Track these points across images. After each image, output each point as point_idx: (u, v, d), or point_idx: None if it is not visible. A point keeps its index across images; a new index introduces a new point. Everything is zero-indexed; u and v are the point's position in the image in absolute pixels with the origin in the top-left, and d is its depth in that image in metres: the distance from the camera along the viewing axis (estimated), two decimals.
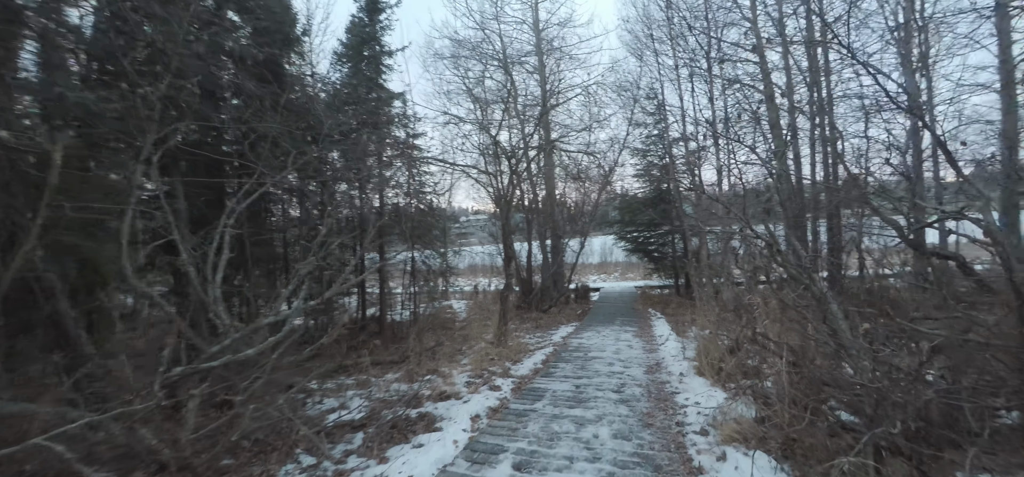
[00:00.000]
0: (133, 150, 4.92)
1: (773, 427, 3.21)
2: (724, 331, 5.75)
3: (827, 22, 7.05)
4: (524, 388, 5.37)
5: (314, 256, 4.61)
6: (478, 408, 4.58)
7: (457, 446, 3.73)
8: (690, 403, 4.45)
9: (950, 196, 10.48)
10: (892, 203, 5.05)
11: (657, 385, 5.20)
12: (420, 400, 4.88)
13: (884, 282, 8.10)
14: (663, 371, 5.84)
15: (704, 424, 3.81)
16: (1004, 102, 8.87)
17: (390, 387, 5.72)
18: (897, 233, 6.67)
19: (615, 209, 18.60)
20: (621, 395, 4.88)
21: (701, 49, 12.21)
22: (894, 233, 6.60)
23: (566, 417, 4.27)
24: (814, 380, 2.89)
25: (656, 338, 8.15)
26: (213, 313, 4.38)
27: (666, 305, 13.27)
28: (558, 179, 16.39)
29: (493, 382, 5.54)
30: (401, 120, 11.93)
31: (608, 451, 3.51)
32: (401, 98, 12.16)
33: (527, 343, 8.40)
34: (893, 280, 8.47)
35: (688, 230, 13.25)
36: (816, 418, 3.05)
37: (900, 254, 8.44)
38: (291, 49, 8.74)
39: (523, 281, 14.76)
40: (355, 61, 11.44)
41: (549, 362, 6.71)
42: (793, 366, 3.13)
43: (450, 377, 5.91)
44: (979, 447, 2.25)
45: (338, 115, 8.07)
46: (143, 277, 5.30)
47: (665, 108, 14.61)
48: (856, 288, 7.37)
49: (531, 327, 10.99)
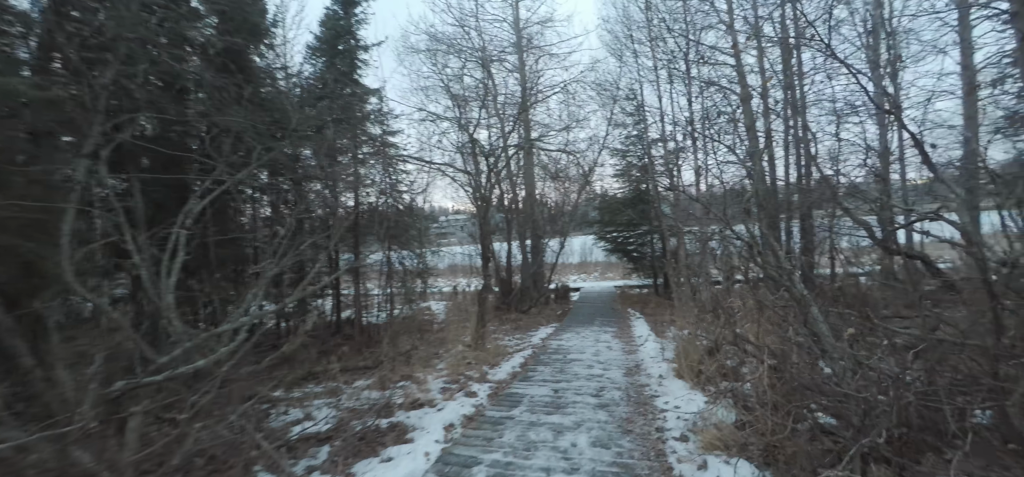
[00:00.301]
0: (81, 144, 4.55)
1: (754, 433, 3.13)
2: (703, 331, 5.72)
3: (809, 20, 7.13)
4: (501, 393, 5.21)
5: (274, 259, 4.33)
6: (453, 416, 4.38)
7: (428, 459, 3.53)
8: (670, 407, 4.36)
9: (916, 196, 10.81)
10: (868, 204, 5.08)
11: (636, 388, 5.11)
12: (392, 409, 4.65)
13: (854, 280, 8.26)
14: (642, 373, 5.76)
15: (684, 430, 3.72)
16: (966, 107, 9.19)
17: (361, 395, 5.47)
18: (867, 233, 6.82)
19: (595, 209, 18.62)
20: (600, 399, 4.77)
21: (680, 51, 12.30)
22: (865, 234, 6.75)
23: (544, 424, 4.13)
24: (796, 385, 2.82)
25: (635, 339, 8.11)
26: (165, 320, 4.07)
27: (645, 305, 13.31)
28: (538, 179, 16.30)
29: (469, 388, 5.36)
30: (377, 117, 11.60)
31: (586, 461, 3.37)
32: (377, 95, 11.84)
33: (506, 345, 8.23)
34: (863, 279, 8.66)
35: (666, 230, 13.33)
36: (797, 424, 2.99)
37: (870, 253, 8.64)
38: (259, 40, 8.35)
39: (503, 282, 14.59)
40: (329, 55, 11.06)
41: (528, 365, 6.56)
42: (774, 370, 3.07)
43: (425, 383, 5.70)
44: (962, 451, 2.19)
45: (306, 110, 7.72)
46: (91, 281, 4.91)
47: (644, 109, 14.70)
48: (828, 287, 7.48)
49: (510, 328, 10.84)
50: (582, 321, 10.81)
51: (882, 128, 11.30)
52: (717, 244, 9.06)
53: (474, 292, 14.29)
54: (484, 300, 8.05)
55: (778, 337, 3.61)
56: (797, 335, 3.02)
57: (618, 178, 17.07)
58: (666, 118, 13.61)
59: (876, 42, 11.19)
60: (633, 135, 15.76)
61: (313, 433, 4.23)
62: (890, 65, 11.19)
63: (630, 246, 17.30)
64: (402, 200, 11.83)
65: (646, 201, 15.53)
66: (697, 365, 4.99)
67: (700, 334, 5.61)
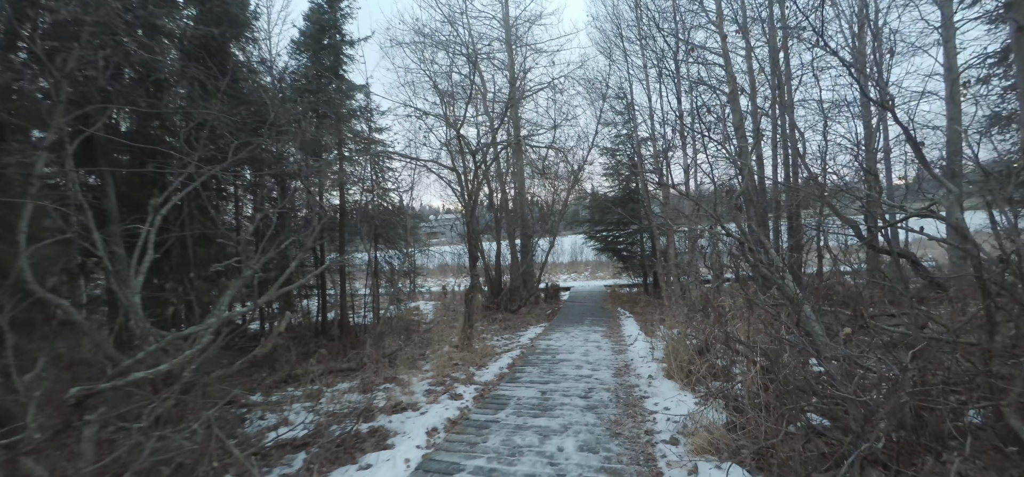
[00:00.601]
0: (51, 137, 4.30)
1: (746, 436, 3.03)
2: (693, 330, 5.63)
3: (803, 11, 7.10)
4: (487, 395, 5.06)
5: (256, 256, 4.13)
6: (436, 420, 4.23)
7: (408, 466, 3.38)
8: (659, 408, 4.26)
9: (901, 196, 10.91)
10: (860, 201, 5.03)
11: (626, 389, 5.01)
12: (373, 412, 4.49)
13: (840, 278, 8.27)
14: (631, 373, 5.66)
15: (674, 432, 3.61)
16: (949, 109, 9.27)
17: (343, 398, 5.29)
18: (854, 231, 6.83)
19: (585, 208, 18.56)
20: (588, 401, 4.65)
21: (669, 49, 12.27)
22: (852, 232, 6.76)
23: (530, 428, 3.99)
24: (790, 386, 2.73)
25: (625, 338, 8.02)
26: (132, 321, 3.86)
27: (635, 304, 13.26)
28: (528, 178, 16.18)
29: (455, 390, 5.21)
30: (363, 113, 11.37)
31: (573, 467, 3.24)
32: (364, 90, 11.61)
33: (494, 346, 8.09)
34: (849, 277, 8.68)
35: (656, 229, 13.30)
36: (790, 426, 2.90)
37: (857, 252, 8.66)
38: (240, 32, 8.09)
39: (492, 281, 14.44)
40: (314, 50, 10.82)
41: (516, 366, 6.43)
42: (766, 371, 2.97)
43: (409, 385, 5.53)
44: (961, 455, 2.11)
45: (286, 104, 7.48)
46: (51, 281, 4.64)
47: (634, 108, 14.66)
48: (818, 285, 7.48)
49: (499, 328, 10.69)
50: (572, 321, 10.71)
51: (868, 128, 11.41)
52: (707, 242, 9.02)
53: (463, 292, 14.12)
54: (471, 300, 7.89)
55: (769, 336, 3.52)
56: (789, 334, 2.93)
57: (608, 177, 17.02)
58: (656, 116, 13.60)
59: (862, 41, 11.28)
60: (622, 134, 15.72)
61: (289, 439, 4.04)
62: (876, 65, 11.30)
63: (620, 245, 17.27)
64: (389, 197, 11.62)
65: (635, 200, 15.50)
66: (687, 365, 4.90)
67: (690, 334, 5.52)
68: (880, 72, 11.28)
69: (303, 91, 9.84)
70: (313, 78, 10.15)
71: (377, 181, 11.22)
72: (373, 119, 11.77)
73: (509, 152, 14.56)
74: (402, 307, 12.90)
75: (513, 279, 14.65)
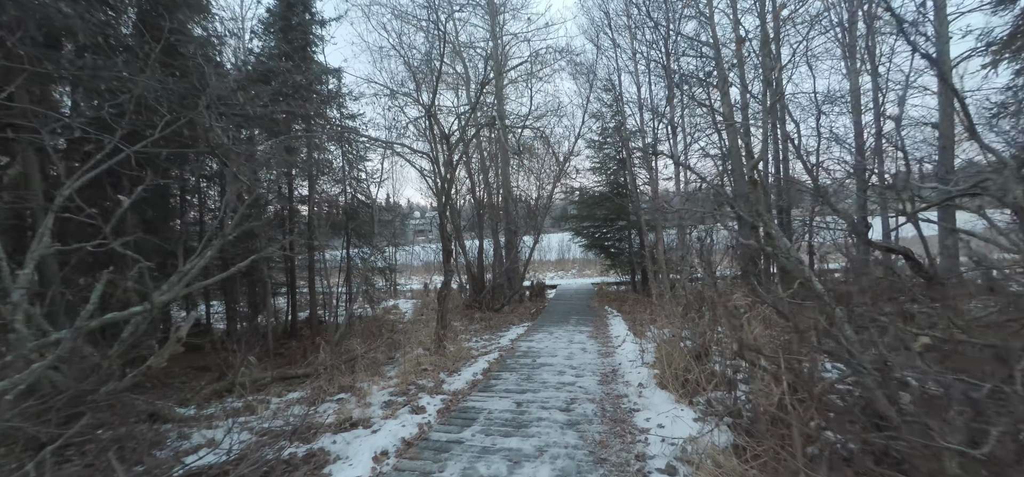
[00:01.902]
0: None
1: (759, 466, 2.43)
2: (688, 331, 5.03)
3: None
4: (454, 408, 4.40)
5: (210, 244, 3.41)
6: (388, 441, 3.55)
7: None
8: (652, 425, 3.65)
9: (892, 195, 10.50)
10: (861, 196, 4.48)
11: (613, 400, 4.39)
12: (314, 431, 3.80)
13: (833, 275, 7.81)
14: (620, 381, 5.06)
15: (671, 458, 3.00)
16: (941, 104, 8.86)
17: (289, 410, 4.59)
18: (850, 227, 6.39)
19: (573, 204, 17.98)
20: (570, 415, 4.02)
21: (660, 37, 11.74)
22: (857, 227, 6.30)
23: (499, 451, 3.35)
24: (824, 407, 2.13)
25: (612, 339, 7.43)
26: (10, 322, 3.11)
27: (623, 302, 12.71)
28: (513, 171, 15.51)
29: (417, 402, 4.53)
30: (333, 97, 10.59)
31: None
32: (336, 74, 10.84)
33: (470, 348, 7.43)
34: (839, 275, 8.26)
35: (644, 224, 12.76)
36: (810, 448, 2.31)
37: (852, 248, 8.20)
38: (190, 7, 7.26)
39: (474, 278, 13.76)
40: (283, 29, 10.02)
41: (491, 371, 5.78)
42: (791, 387, 2.38)
43: (367, 395, 4.85)
44: None
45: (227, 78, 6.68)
46: None
47: (622, 100, 14.11)
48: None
49: (480, 328, 10.04)
50: (556, 320, 10.10)
51: (857, 123, 11.02)
52: (702, 233, 8.48)
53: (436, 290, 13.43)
54: (444, 299, 7.21)
55: (784, 345, 2.92)
56: (821, 344, 2.33)
57: (595, 171, 16.46)
58: (645, 108, 13.07)
59: (854, 34, 10.89)
60: (610, 127, 15.15)
61: (207, 465, 3.34)
62: (867, 58, 10.94)
63: (607, 242, 16.72)
64: (362, 188, 10.86)
65: (623, 194, 14.97)
66: (683, 372, 4.30)
67: (684, 335, 4.93)
68: (874, 66, 10.94)
69: (265, 73, 9.04)
70: (276, 58, 9.35)
71: (348, 172, 10.46)
72: (345, 105, 11.02)
73: (491, 138, 13.84)
74: (378, 307, 12.16)
75: (496, 276, 13.99)
